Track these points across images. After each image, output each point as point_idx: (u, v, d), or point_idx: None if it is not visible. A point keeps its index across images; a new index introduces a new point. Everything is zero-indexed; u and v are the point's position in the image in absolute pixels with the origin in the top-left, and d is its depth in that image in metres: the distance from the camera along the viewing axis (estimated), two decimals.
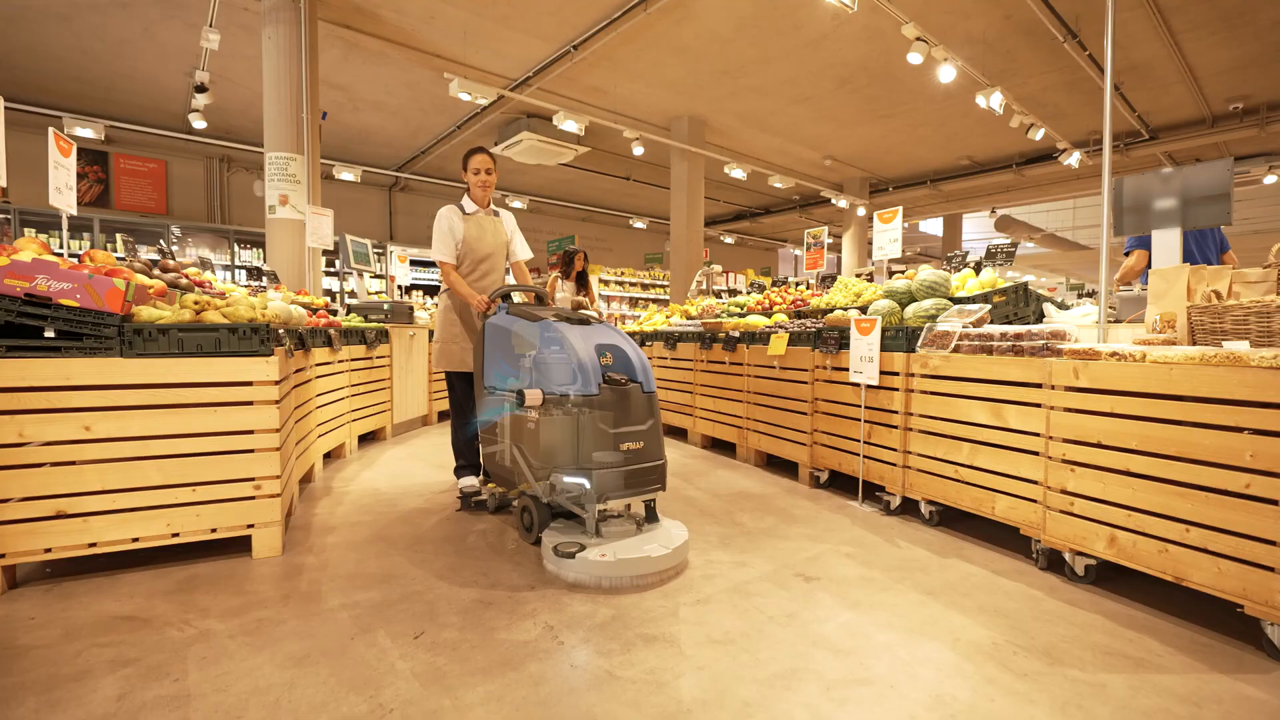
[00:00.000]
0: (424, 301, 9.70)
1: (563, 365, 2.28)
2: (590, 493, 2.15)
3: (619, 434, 2.20)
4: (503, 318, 2.65)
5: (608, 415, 2.19)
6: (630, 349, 2.43)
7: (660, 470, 2.32)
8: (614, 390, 2.22)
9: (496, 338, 2.65)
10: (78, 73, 7.03)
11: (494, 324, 2.68)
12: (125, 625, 1.79)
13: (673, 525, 2.41)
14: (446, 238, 2.97)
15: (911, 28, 5.49)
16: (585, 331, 2.38)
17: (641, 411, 2.28)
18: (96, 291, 2.01)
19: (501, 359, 2.61)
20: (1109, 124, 2.42)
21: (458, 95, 6.27)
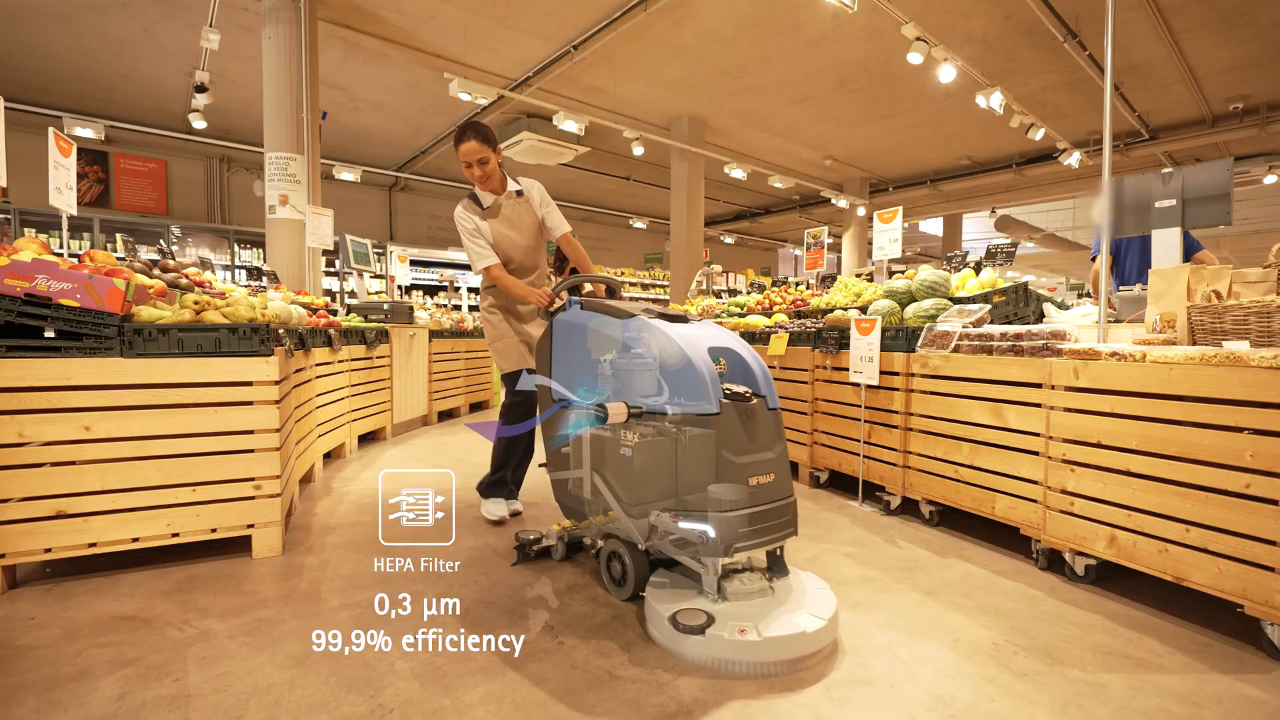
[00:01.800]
0: (424, 301, 9.71)
1: (656, 373, 1.87)
2: (714, 542, 1.65)
3: (746, 464, 1.73)
4: (576, 314, 2.18)
5: (732, 439, 1.73)
6: (746, 353, 1.97)
7: (792, 510, 1.84)
8: (738, 407, 1.76)
9: (568, 338, 2.19)
10: (78, 73, 7.03)
11: (566, 322, 2.20)
12: (125, 625, 1.79)
13: (808, 580, 1.89)
14: (478, 240, 2.60)
15: (911, 28, 5.49)
16: (691, 331, 1.92)
17: (769, 434, 1.82)
18: (96, 291, 2.01)
19: (573, 363, 2.15)
20: (1109, 124, 2.42)
21: (458, 95, 6.27)
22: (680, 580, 1.87)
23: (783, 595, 1.77)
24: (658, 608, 1.71)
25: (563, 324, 2.23)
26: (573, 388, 2.14)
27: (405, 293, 8.49)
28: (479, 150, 2.52)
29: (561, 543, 2.28)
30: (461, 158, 2.54)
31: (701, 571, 1.75)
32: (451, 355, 5.96)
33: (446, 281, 9.95)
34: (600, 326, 2.05)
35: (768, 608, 1.70)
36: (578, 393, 2.10)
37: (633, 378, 1.91)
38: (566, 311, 2.24)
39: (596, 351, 2.06)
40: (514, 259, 2.68)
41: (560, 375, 2.21)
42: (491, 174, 2.59)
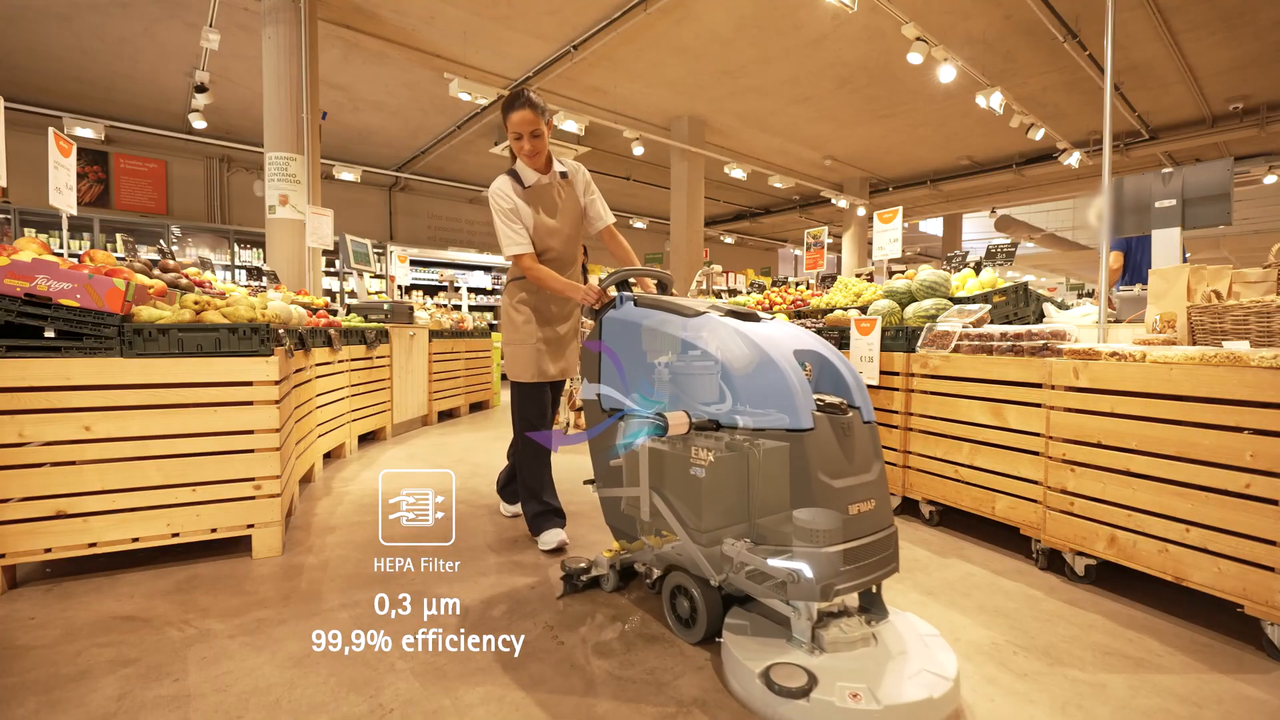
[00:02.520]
0: (424, 301, 9.71)
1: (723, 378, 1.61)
2: (809, 584, 1.37)
3: (845, 489, 1.46)
4: (630, 311, 1.93)
5: (828, 459, 1.46)
6: (835, 356, 1.70)
7: (894, 542, 1.56)
8: (833, 421, 1.50)
9: (619, 339, 1.92)
10: (78, 73, 7.03)
11: (617, 320, 1.94)
12: (125, 625, 1.79)
13: (912, 624, 1.60)
14: (512, 223, 2.29)
15: (911, 28, 5.49)
16: (770, 330, 1.68)
17: (867, 453, 1.55)
18: (96, 291, 2.01)
19: (626, 367, 1.89)
20: (1109, 124, 2.42)
21: (458, 95, 6.27)
22: (762, 623, 1.59)
23: (889, 644, 1.49)
24: (744, 661, 1.43)
25: (614, 323, 1.96)
26: (626, 395, 1.86)
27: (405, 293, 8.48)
28: (533, 121, 2.23)
29: (613, 571, 2.02)
30: (512, 128, 2.25)
31: (790, 615, 1.48)
32: (451, 355, 5.96)
33: (446, 281, 9.94)
34: (659, 325, 1.78)
35: (876, 662, 1.42)
36: (632, 400, 1.83)
37: (695, 383, 1.63)
38: (618, 309, 1.98)
39: (653, 354, 1.78)
40: (552, 248, 2.41)
41: (611, 380, 1.94)
42: (542, 149, 2.29)
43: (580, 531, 2.65)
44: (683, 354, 1.70)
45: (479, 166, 10.55)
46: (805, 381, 1.52)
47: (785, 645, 1.49)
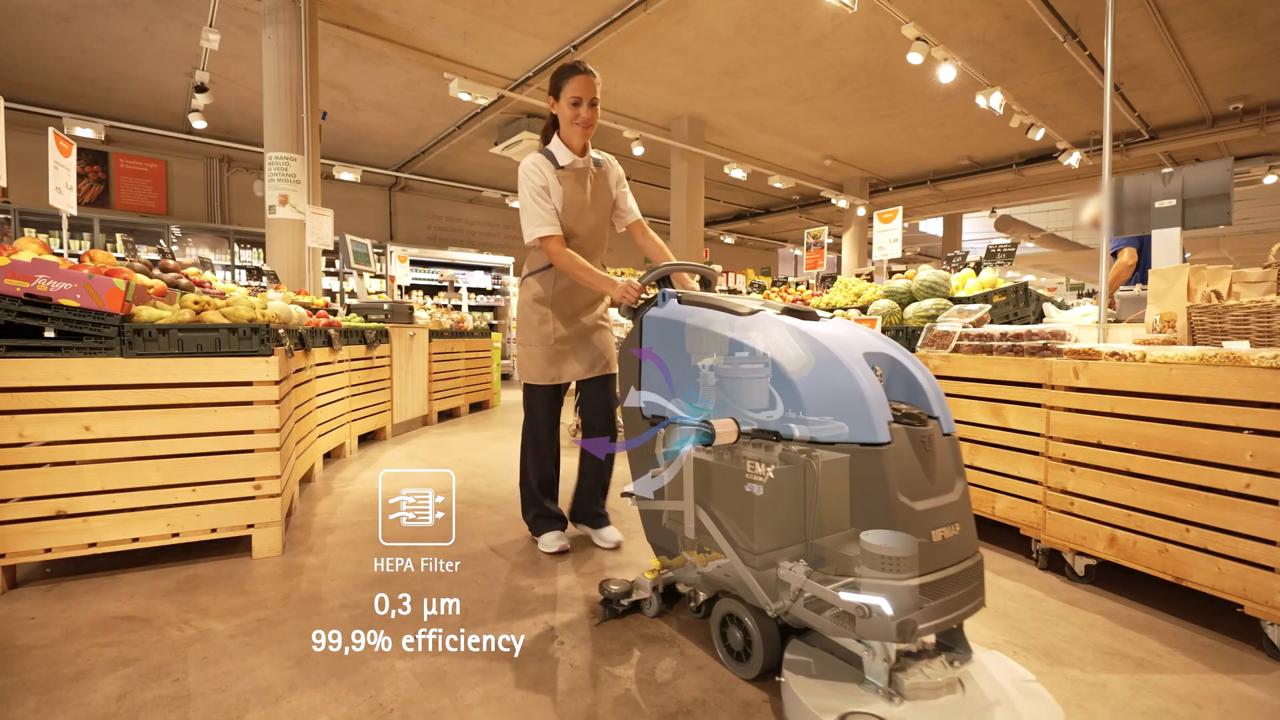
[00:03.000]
0: (424, 301, 9.70)
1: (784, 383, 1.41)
2: (885, 620, 1.18)
3: (927, 512, 1.30)
4: (674, 309, 1.77)
5: (908, 478, 1.30)
6: (909, 360, 1.53)
7: (980, 573, 1.38)
8: (911, 434, 1.34)
9: (661, 340, 1.76)
10: (78, 73, 7.03)
11: (659, 319, 1.78)
12: (125, 625, 1.79)
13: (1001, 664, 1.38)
14: (542, 202, 2.14)
15: (911, 28, 5.49)
16: (835, 330, 1.51)
17: (948, 470, 1.39)
18: (96, 291, 2.01)
19: (668, 371, 1.73)
20: (1109, 124, 2.42)
21: (458, 95, 6.27)
22: (828, 661, 1.38)
23: (979, 692, 1.27)
24: (813, 709, 1.23)
25: (655, 323, 1.79)
26: (669, 401, 1.70)
27: (405, 293, 8.48)
28: (593, 87, 2.12)
29: (656, 594, 1.85)
30: (570, 95, 2.12)
31: (862, 654, 1.27)
32: (451, 355, 5.96)
33: (446, 281, 9.95)
34: (706, 325, 1.62)
35: (966, 714, 1.21)
36: (676, 407, 1.67)
37: (745, 388, 1.46)
38: (660, 306, 1.81)
39: (699, 356, 1.62)
40: (578, 235, 2.25)
41: (653, 386, 1.77)
42: (595, 121, 2.18)
43: (573, 534, 2.65)
44: (731, 356, 1.52)
45: (479, 166, 10.55)
46: (879, 388, 1.33)
47: (858, 690, 1.27)
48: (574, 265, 2.11)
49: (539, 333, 2.30)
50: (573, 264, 2.11)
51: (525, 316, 2.35)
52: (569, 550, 2.37)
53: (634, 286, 1.95)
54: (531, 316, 2.31)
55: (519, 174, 2.18)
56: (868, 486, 1.28)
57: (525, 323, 2.35)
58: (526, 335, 2.35)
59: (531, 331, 2.32)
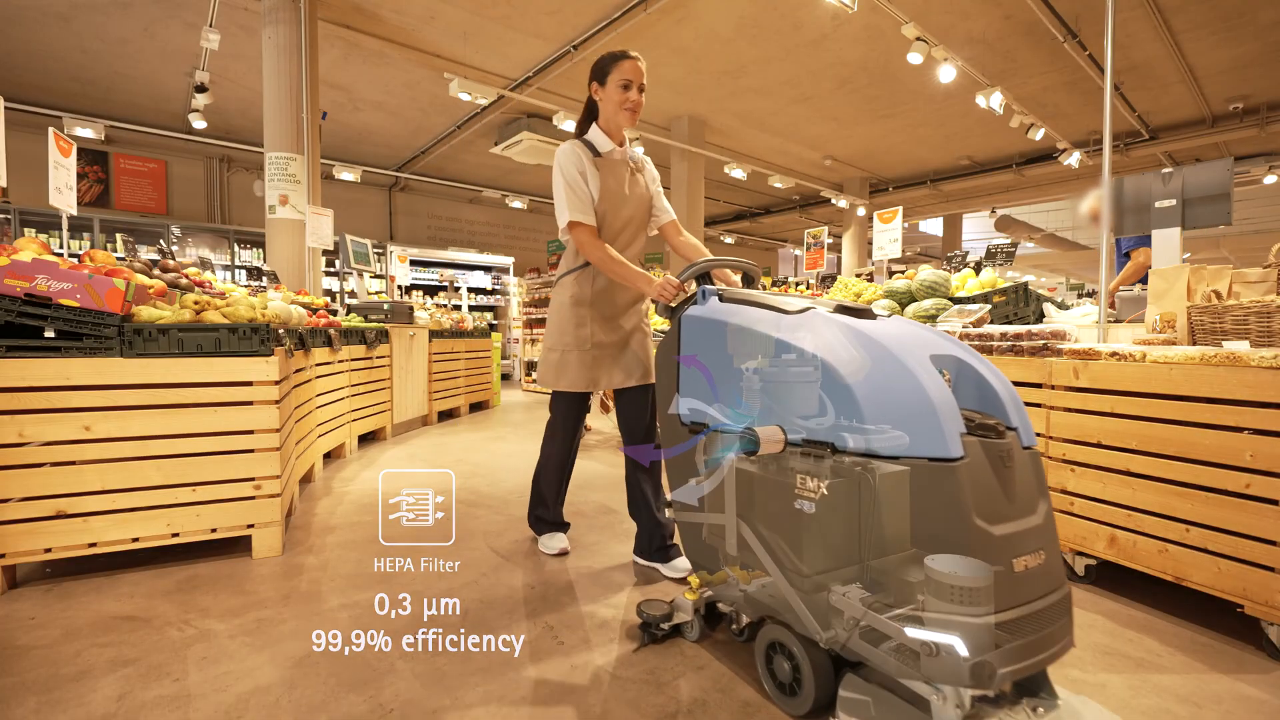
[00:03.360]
0: (424, 301, 9.71)
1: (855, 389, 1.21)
2: (960, 663, 1.02)
3: (1008, 537, 1.14)
4: (715, 308, 1.63)
5: (985, 498, 1.14)
6: (980, 363, 1.37)
7: (1068, 608, 1.21)
8: (988, 448, 1.18)
9: (701, 340, 1.62)
10: (78, 73, 7.03)
11: (699, 319, 1.64)
12: (125, 625, 1.79)
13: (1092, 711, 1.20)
14: (577, 189, 2.02)
15: (911, 28, 5.49)
16: (896, 330, 1.36)
17: (1030, 490, 1.23)
18: (96, 291, 2.01)
19: (709, 374, 1.59)
20: (1109, 124, 2.42)
21: (458, 95, 6.27)
22: (889, 701, 1.20)
23: None
24: None
25: (695, 322, 1.65)
26: (711, 407, 1.55)
27: (405, 293, 8.48)
28: (642, 72, 2.05)
29: (698, 617, 1.72)
30: (626, 75, 2.03)
31: (931, 699, 1.10)
32: (451, 355, 5.96)
33: (446, 281, 9.95)
34: (750, 324, 1.47)
35: None
36: (718, 413, 1.53)
37: (794, 393, 1.31)
38: (700, 305, 1.68)
39: (742, 358, 1.48)
40: (614, 228, 2.12)
41: (693, 390, 1.64)
42: (640, 109, 2.10)
43: (577, 534, 2.65)
44: (778, 358, 1.36)
45: (479, 166, 10.55)
46: (949, 395, 1.17)
47: None
48: (607, 257, 1.96)
49: (575, 337, 2.13)
50: (605, 256, 1.97)
51: (560, 319, 2.17)
52: (569, 551, 2.38)
53: (672, 283, 1.80)
54: (567, 319, 2.14)
55: (555, 160, 2.06)
56: (937, 508, 1.11)
57: (560, 326, 2.17)
58: (562, 339, 2.16)
59: (567, 335, 2.15)
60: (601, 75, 2.08)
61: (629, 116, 2.10)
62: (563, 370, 2.15)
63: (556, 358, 2.16)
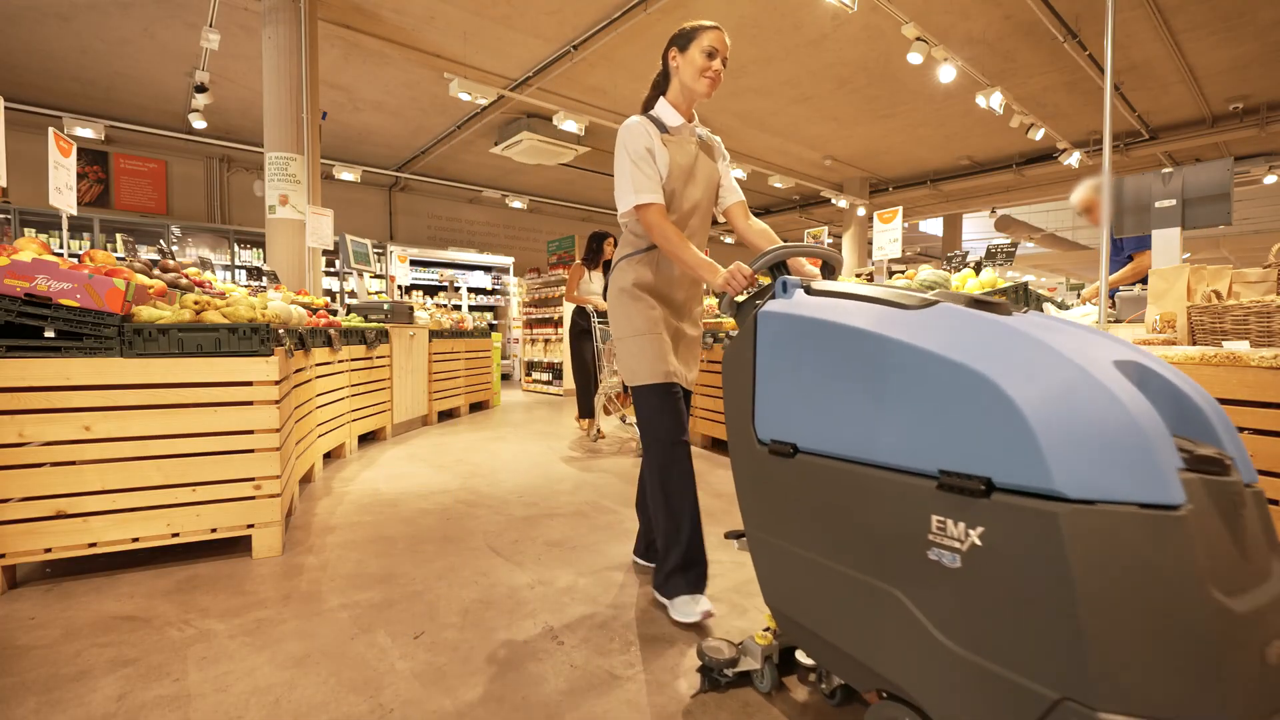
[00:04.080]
0: (424, 301, 9.71)
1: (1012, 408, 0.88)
2: None
3: (1253, 615, 0.81)
4: (804, 303, 1.28)
5: (1219, 559, 0.82)
6: (1173, 374, 1.05)
7: None
8: (1213, 490, 0.85)
9: (786, 341, 1.28)
10: (78, 73, 7.03)
11: (783, 317, 1.28)
12: (125, 625, 1.79)
13: None
14: (644, 166, 1.83)
15: (911, 28, 5.49)
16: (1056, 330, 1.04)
17: (1260, 545, 0.90)
18: (96, 291, 2.01)
19: (798, 382, 1.23)
20: (1109, 124, 2.42)
21: (458, 95, 6.27)
22: None
23: None
24: None
25: (777, 320, 1.29)
26: (800, 423, 1.22)
27: (405, 293, 8.48)
28: (727, 45, 1.90)
29: (769, 665, 1.48)
30: (712, 43, 1.87)
31: None
32: (451, 355, 5.96)
33: (446, 281, 9.96)
34: (859, 322, 1.12)
35: None
36: (812, 432, 1.20)
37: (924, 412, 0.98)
38: (781, 299, 1.34)
39: (845, 364, 1.13)
40: (682, 209, 1.94)
41: (775, 401, 1.28)
42: (718, 82, 1.92)
43: (577, 533, 2.65)
44: (899, 366, 1.03)
45: (479, 166, 10.55)
46: (1157, 418, 0.84)
47: None
48: (676, 241, 1.77)
49: (647, 318, 1.91)
50: (676, 239, 1.78)
51: (624, 305, 1.94)
52: (713, 614, 1.85)
53: (743, 273, 1.56)
54: (632, 303, 1.93)
55: (618, 137, 1.88)
56: (1152, 574, 0.79)
57: (625, 311, 1.94)
58: (630, 325, 1.92)
59: (638, 317, 1.92)
60: (685, 41, 1.91)
61: (709, 85, 1.91)
62: (637, 359, 1.90)
63: (628, 346, 1.93)
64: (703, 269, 1.72)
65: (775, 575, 1.33)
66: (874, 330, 1.09)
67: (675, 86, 1.95)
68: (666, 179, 1.87)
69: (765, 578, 1.36)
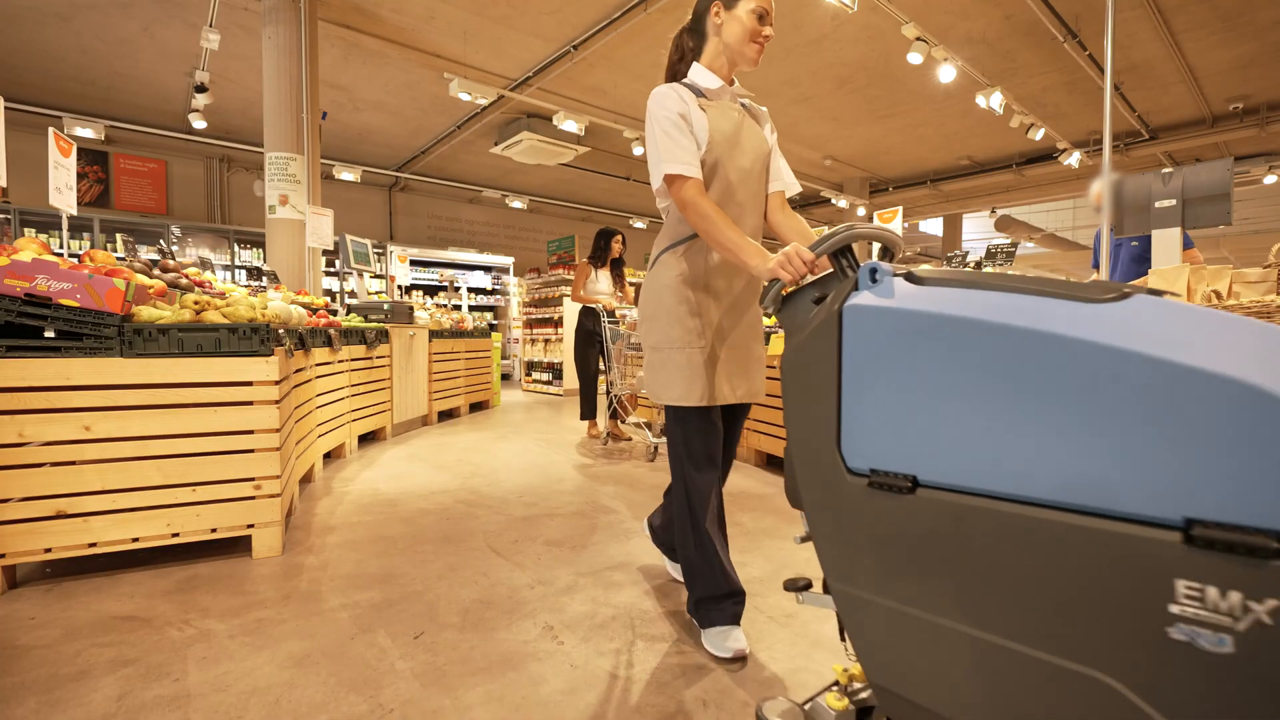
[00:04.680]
0: (424, 301, 9.71)
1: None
2: None
3: None
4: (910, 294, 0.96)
5: None
6: None
7: None
8: None
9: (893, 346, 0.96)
10: (78, 73, 7.03)
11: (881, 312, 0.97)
12: (125, 625, 1.79)
13: None
14: (677, 134, 1.56)
15: (911, 28, 5.49)
16: None
17: None
18: (96, 291, 2.01)
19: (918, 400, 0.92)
20: (1109, 124, 2.42)
21: (458, 95, 6.28)
22: None
23: None
24: None
25: (872, 316, 0.98)
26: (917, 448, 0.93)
27: (405, 293, 8.49)
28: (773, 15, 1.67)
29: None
30: (759, 5, 1.62)
31: None
32: (451, 355, 5.96)
33: (446, 281, 9.96)
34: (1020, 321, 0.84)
35: None
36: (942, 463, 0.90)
37: (1148, 433, 0.73)
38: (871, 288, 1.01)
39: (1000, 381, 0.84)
40: (725, 183, 1.63)
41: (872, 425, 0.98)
42: (766, 43, 1.66)
43: (577, 533, 2.65)
44: (1118, 380, 0.75)
45: (479, 166, 10.55)
46: None
47: None
48: (714, 217, 1.47)
49: (686, 329, 1.64)
50: (713, 215, 1.48)
51: (662, 308, 1.67)
52: (747, 656, 1.67)
53: (802, 256, 1.24)
54: (675, 306, 1.65)
55: (647, 106, 1.62)
56: None
57: (662, 315, 1.67)
58: (667, 332, 1.65)
59: (676, 326, 1.64)
60: (724, 5, 1.66)
61: (757, 51, 1.65)
62: (671, 375, 1.64)
63: (662, 358, 1.67)
64: (747, 252, 1.42)
65: (882, 645, 1.00)
66: (1059, 333, 0.80)
67: (714, 48, 1.69)
68: (706, 148, 1.59)
69: (866, 647, 1.03)
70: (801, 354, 1.09)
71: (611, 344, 4.56)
